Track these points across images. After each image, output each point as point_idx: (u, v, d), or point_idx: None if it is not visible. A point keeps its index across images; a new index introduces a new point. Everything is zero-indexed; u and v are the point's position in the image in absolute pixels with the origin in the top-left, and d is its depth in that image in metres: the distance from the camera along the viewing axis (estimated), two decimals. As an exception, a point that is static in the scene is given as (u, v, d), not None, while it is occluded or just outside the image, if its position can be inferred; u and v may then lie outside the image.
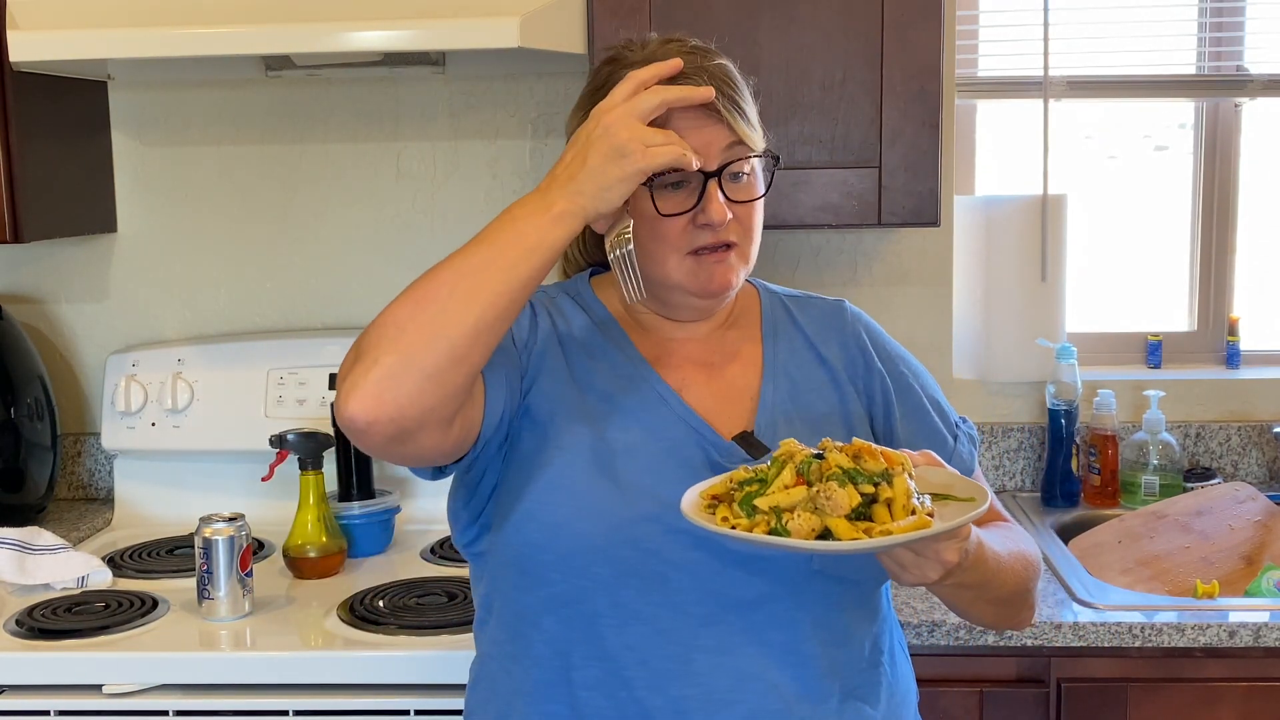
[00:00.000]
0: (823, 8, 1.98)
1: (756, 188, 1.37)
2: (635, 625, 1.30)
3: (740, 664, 1.30)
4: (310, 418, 2.23)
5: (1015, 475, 2.45)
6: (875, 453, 1.18)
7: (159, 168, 2.43)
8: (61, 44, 1.92)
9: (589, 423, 1.35)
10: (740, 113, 1.33)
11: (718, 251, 1.35)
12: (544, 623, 1.34)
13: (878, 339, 1.50)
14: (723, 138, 1.32)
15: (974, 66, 2.48)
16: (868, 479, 1.16)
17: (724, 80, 1.33)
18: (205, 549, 1.80)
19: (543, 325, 1.41)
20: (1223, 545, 2.13)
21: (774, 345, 1.46)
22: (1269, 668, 1.80)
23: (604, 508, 1.31)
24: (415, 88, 2.38)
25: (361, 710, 1.69)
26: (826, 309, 1.52)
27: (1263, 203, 2.54)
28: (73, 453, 2.48)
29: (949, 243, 2.42)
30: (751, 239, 1.38)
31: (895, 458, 1.18)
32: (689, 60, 1.33)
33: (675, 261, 1.35)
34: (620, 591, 1.30)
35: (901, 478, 1.17)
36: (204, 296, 2.45)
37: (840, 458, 1.17)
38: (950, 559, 1.18)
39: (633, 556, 1.29)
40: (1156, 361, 2.51)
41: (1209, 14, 2.47)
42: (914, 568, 1.19)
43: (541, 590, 1.34)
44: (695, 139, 1.30)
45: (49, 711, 1.71)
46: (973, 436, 1.51)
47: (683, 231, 1.34)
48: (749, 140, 1.34)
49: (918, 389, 1.48)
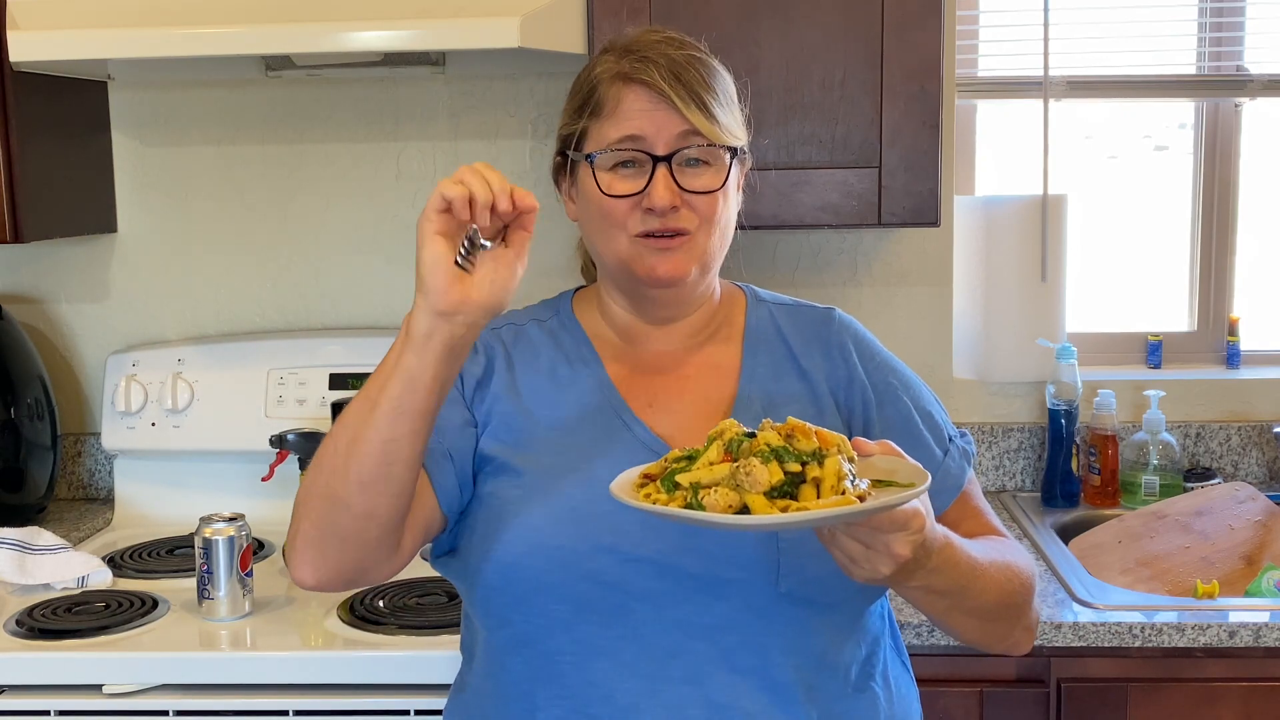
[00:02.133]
0: (823, 8, 1.98)
1: (716, 176, 1.35)
2: (597, 661, 1.28)
3: (711, 694, 1.27)
4: (310, 418, 2.23)
5: (1015, 475, 2.45)
6: (809, 432, 1.12)
7: (159, 168, 2.43)
8: (61, 44, 1.92)
9: (546, 460, 1.34)
10: (697, 101, 1.32)
11: (667, 238, 1.34)
12: (509, 663, 1.33)
13: (865, 348, 1.46)
14: (675, 123, 1.32)
15: (974, 66, 2.48)
16: (795, 457, 1.09)
17: (686, 68, 1.33)
18: (205, 549, 1.80)
19: (498, 368, 1.40)
20: (1223, 545, 2.13)
21: (753, 359, 1.43)
22: (1269, 668, 1.79)
23: (557, 543, 1.29)
24: (415, 88, 2.38)
25: (361, 710, 1.69)
26: (815, 318, 1.48)
27: (1263, 203, 2.54)
28: (73, 453, 2.48)
29: (949, 243, 2.42)
30: (711, 231, 1.36)
31: (830, 439, 1.12)
32: (655, 49, 1.33)
33: (625, 241, 1.35)
34: (579, 627, 1.28)
35: (834, 459, 1.10)
36: (204, 296, 2.45)
37: (770, 435, 1.11)
38: (901, 552, 1.11)
39: (591, 591, 1.27)
40: (1156, 361, 2.51)
41: (1209, 14, 2.47)
42: (863, 560, 1.12)
43: (504, 630, 1.33)
44: (647, 122, 1.32)
45: (49, 711, 1.71)
46: (967, 451, 1.44)
47: (630, 212, 1.34)
48: (705, 130, 1.32)
49: (905, 400, 1.43)
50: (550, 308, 1.50)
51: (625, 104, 1.32)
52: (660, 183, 1.32)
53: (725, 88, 1.37)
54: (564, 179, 1.44)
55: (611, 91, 1.34)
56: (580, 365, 1.42)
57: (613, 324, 1.45)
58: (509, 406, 1.38)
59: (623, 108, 1.33)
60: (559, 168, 1.44)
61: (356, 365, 2.29)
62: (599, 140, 1.35)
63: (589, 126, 1.36)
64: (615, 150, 1.33)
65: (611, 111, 1.34)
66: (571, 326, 1.46)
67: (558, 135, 1.43)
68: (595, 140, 1.36)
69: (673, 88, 1.31)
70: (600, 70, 1.36)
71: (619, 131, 1.33)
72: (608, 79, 1.35)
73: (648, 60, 1.32)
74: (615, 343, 1.45)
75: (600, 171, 1.34)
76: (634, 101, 1.32)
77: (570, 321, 1.47)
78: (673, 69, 1.32)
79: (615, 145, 1.33)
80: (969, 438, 1.47)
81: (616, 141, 1.33)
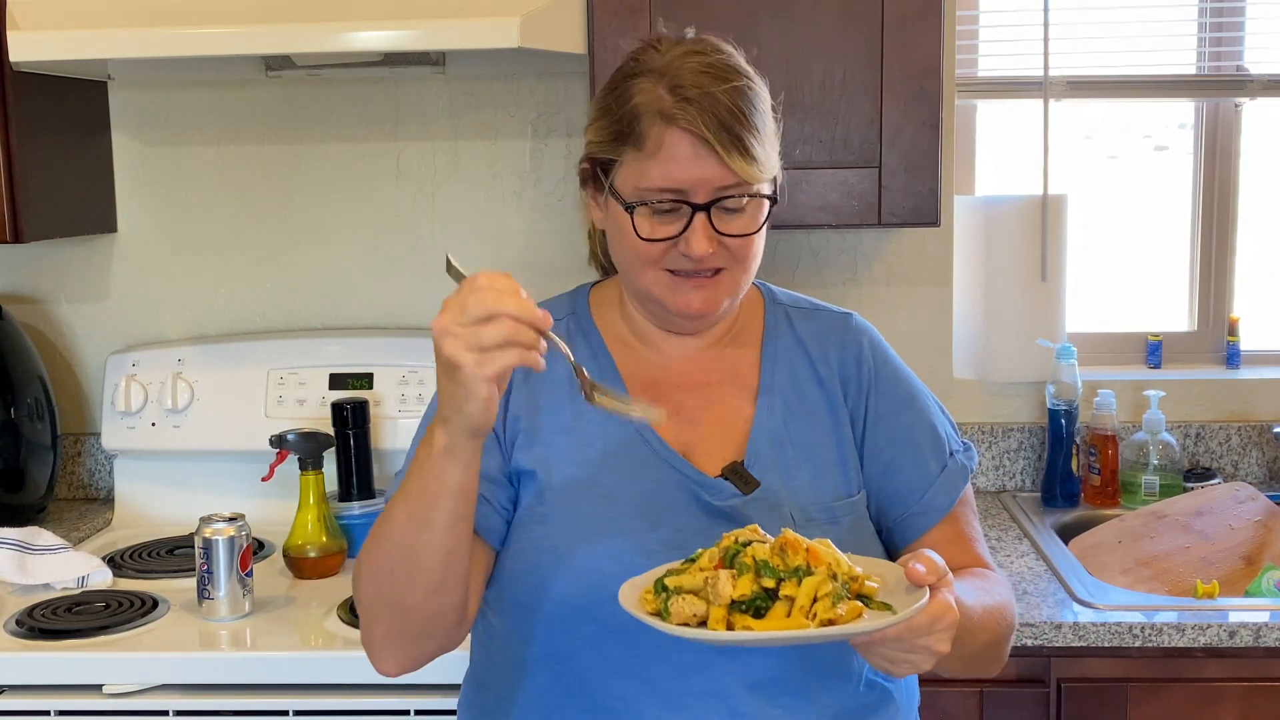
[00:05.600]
0: (823, 8, 1.98)
1: (754, 219, 1.33)
2: (624, 679, 1.30)
3: (734, 705, 1.29)
4: (310, 418, 2.23)
5: (1015, 475, 2.45)
6: (800, 548, 1.13)
7: (159, 168, 2.43)
8: (61, 44, 1.92)
9: (568, 476, 1.35)
10: (739, 147, 1.28)
11: (701, 276, 1.33)
12: (537, 675, 1.34)
13: (880, 356, 1.46)
14: (717, 173, 1.29)
15: (974, 66, 2.48)
16: (774, 573, 1.12)
17: (730, 109, 1.28)
18: (205, 549, 1.80)
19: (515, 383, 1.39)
20: (1223, 545, 2.13)
21: (772, 365, 1.43)
22: (1269, 668, 1.79)
23: (586, 566, 1.30)
24: (415, 88, 2.38)
25: (361, 710, 1.69)
26: (832, 322, 1.48)
27: (1263, 203, 2.54)
28: (73, 453, 2.48)
29: (949, 243, 2.42)
30: (745, 268, 1.35)
31: (821, 556, 1.13)
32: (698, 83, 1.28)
33: (653, 276, 1.34)
34: (608, 646, 1.29)
35: (813, 579, 1.12)
36: (204, 296, 2.45)
37: (760, 548, 1.14)
38: (940, 649, 1.13)
39: (618, 612, 1.27)
40: (1156, 361, 2.51)
41: (1209, 14, 2.47)
42: (902, 663, 1.14)
43: (533, 646, 1.34)
44: (688, 172, 1.28)
45: (49, 711, 1.71)
46: (965, 468, 1.44)
47: (664, 253, 1.32)
48: (746, 176, 1.29)
49: (910, 414, 1.43)
50: (567, 304, 1.48)
51: (667, 148, 1.28)
52: (699, 231, 1.29)
53: (764, 114, 1.33)
54: (591, 186, 1.40)
55: (653, 131, 1.29)
56: (598, 377, 1.40)
57: (632, 327, 1.44)
58: (529, 423, 1.38)
59: (664, 152, 1.28)
60: (586, 174, 1.40)
61: (356, 365, 2.29)
62: (637, 177, 1.31)
63: (627, 157, 1.32)
64: (655, 204, 1.30)
65: (652, 152, 1.29)
66: (588, 329, 1.45)
67: (589, 144, 1.38)
68: (633, 175, 1.31)
69: (716, 136, 1.27)
70: (641, 100, 1.31)
71: (659, 179, 1.29)
72: (649, 114, 1.29)
73: (692, 103, 1.27)
74: (634, 347, 1.44)
75: (637, 216, 1.31)
76: (676, 147, 1.28)
77: (587, 323, 1.46)
78: (716, 113, 1.27)
79: (655, 198, 1.30)
80: (972, 452, 1.47)
81: (657, 192, 1.30)
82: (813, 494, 1.37)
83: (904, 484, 1.41)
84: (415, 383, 2.26)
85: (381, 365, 2.29)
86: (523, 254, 2.42)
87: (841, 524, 1.36)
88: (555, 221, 2.42)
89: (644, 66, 1.33)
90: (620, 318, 1.45)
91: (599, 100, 1.38)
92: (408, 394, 2.26)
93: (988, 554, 1.45)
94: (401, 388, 2.27)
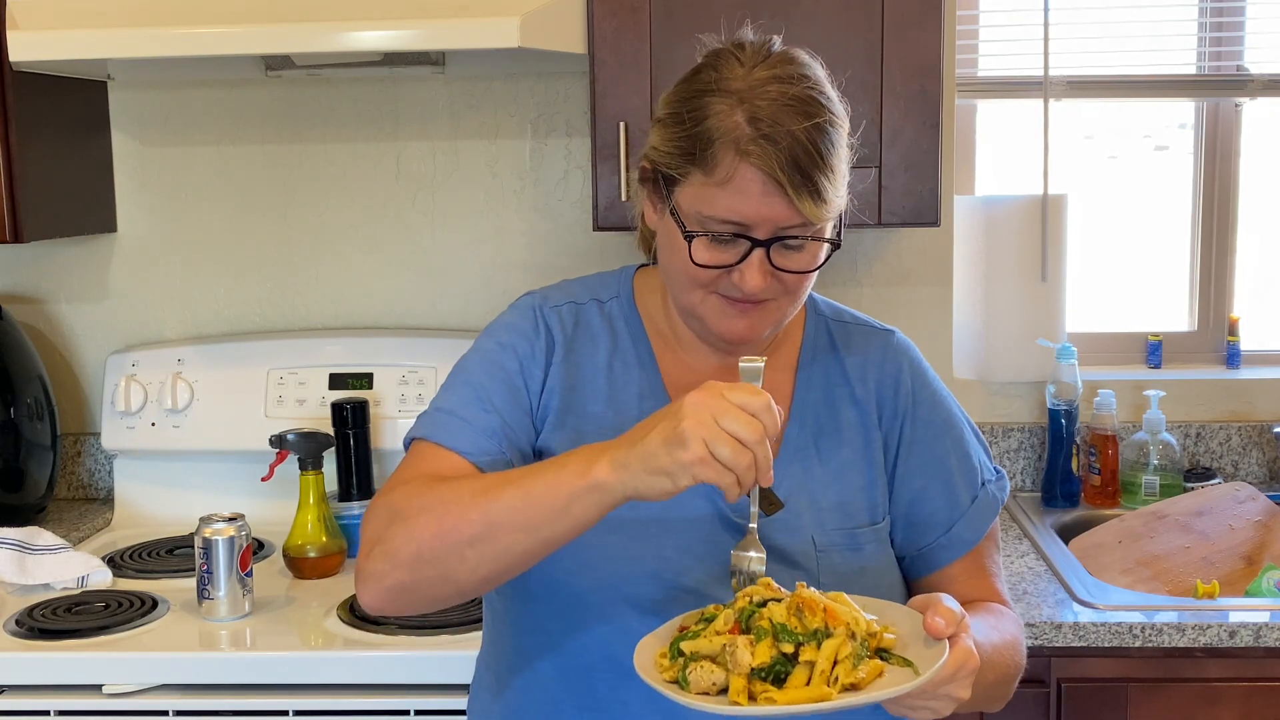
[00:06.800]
0: (823, 8, 1.98)
1: (813, 258, 1.29)
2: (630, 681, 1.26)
3: None
4: (310, 418, 2.23)
5: (1015, 475, 2.45)
6: (817, 608, 1.11)
7: (159, 168, 2.43)
8: (61, 44, 1.92)
9: None
10: (810, 189, 1.23)
11: (748, 303, 1.30)
12: (540, 667, 1.33)
13: (920, 380, 1.43)
14: (782, 212, 1.24)
15: (974, 66, 2.48)
16: (793, 637, 1.10)
17: (808, 149, 1.23)
18: (205, 549, 1.80)
19: (555, 359, 1.37)
20: (1223, 545, 2.13)
21: (807, 380, 1.41)
22: (1269, 668, 1.79)
23: (605, 566, 1.29)
24: (415, 88, 2.38)
25: (361, 710, 1.69)
26: (873, 339, 1.44)
27: (1263, 203, 2.54)
28: (73, 453, 2.48)
29: (949, 243, 2.42)
30: (794, 300, 1.32)
31: (840, 616, 1.11)
32: (779, 119, 1.22)
33: (700, 296, 1.31)
34: (617, 647, 1.27)
35: (833, 642, 1.10)
36: (204, 296, 2.45)
37: (777, 610, 1.11)
38: (961, 695, 1.13)
39: (631, 615, 1.27)
40: (1157, 361, 2.51)
41: (1209, 14, 2.47)
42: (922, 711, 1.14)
43: (539, 636, 1.33)
44: (754, 210, 1.24)
45: (49, 711, 1.71)
46: (997, 500, 1.42)
47: (716, 278, 1.29)
48: (812, 218, 1.25)
49: (946, 442, 1.41)
50: (612, 286, 1.45)
51: (737, 182, 1.23)
52: (755, 266, 1.26)
53: (841, 150, 1.28)
54: (649, 186, 1.35)
55: (725, 160, 1.23)
56: (637, 369, 1.39)
57: (673, 325, 1.41)
58: (563, 402, 1.36)
59: (734, 184, 1.23)
60: (646, 173, 1.34)
61: (356, 365, 2.29)
62: (701, 202, 1.26)
63: (694, 179, 1.27)
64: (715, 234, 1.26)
65: (721, 182, 1.24)
66: (631, 316, 1.42)
67: (653, 148, 1.32)
68: (697, 199, 1.26)
69: (789, 177, 1.22)
70: (715, 124, 1.24)
71: (724, 210, 1.25)
72: (723, 142, 1.24)
73: (770, 141, 1.22)
74: (672, 346, 1.41)
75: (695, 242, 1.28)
76: (746, 182, 1.23)
77: (630, 309, 1.43)
78: (794, 153, 1.22)
79: (717, 228, 1.26)
80: (1004, 481, 1.45)
81: (719, 222, 1.26)
82: (837, 519, 1.35)
83: (932, 514, 1.40)
84: (415, 383, 2.26)
85: (381, 365, 2.29)
86: (523, 254, 2.42)
87: (863, 551, 1.35)
88: (555, 221, 2.42)
89: (723, 83, 1.27)
90: (663, 311, 1.42)
91: (670, 103, 1.31)
92: (407, 394, 2.26)
93: (1005, 590, 1.43)
94: (401, 388, 2.27)
